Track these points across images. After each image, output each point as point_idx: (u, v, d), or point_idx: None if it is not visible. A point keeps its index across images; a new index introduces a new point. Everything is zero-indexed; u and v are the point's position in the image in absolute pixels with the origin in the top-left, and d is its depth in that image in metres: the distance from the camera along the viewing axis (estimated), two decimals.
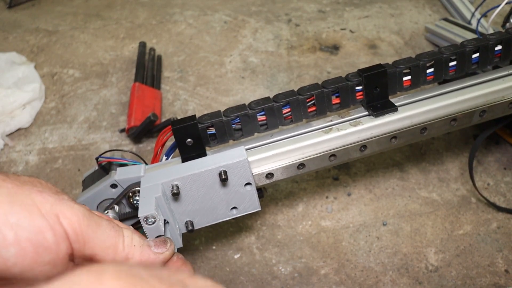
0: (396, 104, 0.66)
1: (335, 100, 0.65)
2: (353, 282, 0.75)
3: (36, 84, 1.15)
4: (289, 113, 0.64)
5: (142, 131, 0.98)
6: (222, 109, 0.64)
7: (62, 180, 0.95)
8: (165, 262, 0.48)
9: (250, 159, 0.61)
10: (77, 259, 0.41)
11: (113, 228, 0.44)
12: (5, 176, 0.40)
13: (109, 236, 0.43)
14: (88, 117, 1.10)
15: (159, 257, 0.47)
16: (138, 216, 0.52)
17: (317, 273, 0.76)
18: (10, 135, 1.08)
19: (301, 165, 0.63)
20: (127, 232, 0.45)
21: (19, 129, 1.09)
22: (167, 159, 0.65)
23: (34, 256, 0.37)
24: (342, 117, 0.66)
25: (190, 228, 0.60)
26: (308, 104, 0.64)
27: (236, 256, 0.79)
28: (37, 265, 0.38)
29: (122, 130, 1.05)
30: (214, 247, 0.81)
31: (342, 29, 1.34)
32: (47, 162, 1.00)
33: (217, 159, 0.59)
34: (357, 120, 0.65)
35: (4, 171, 0.99)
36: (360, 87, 0.65)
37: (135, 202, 0.60)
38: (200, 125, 0.61)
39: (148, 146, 1.01)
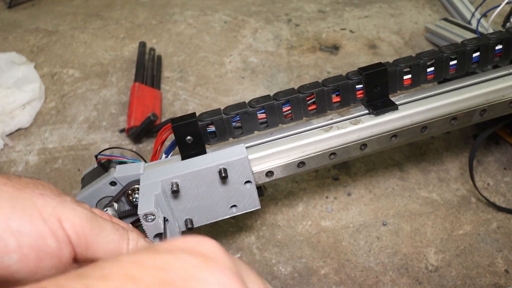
0: (396, 102, 0.66)
1: (335, 99, 0.65)
2: (353, 282, 0.74)
3: (36, 84, 1.15)
4: (289, 111, 0.64)
5: (142, 131, 0.98)
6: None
7: (62, 180, 0.95)
8: None
9: (250, 157, 0.61)
10: (81, 262, 0.41)
11: (118, 231, 0.43)
12: (6, 179, 0.40)
13: (113, 240, 0.42)
14: (88, 117, 1.10)
15: None
16: (138, 213, 0.51)
17: (317, 273, 0.76)
18: (10, 135, 1.08)
19: (301, 163, 0.63)
20: (133, 235, 0.45)
21: (19, 129, 1.09)
22: (166, 157, 0.65)
23: (37, 262, 0.37)
24: (342, 116, 0.66)
25: (189, 226, 0.60)
26: (308, 102, 0.64)
27: (236, 256, 0.79)
28: (40, 270, 0.37)
29: (122, 130, 1.05)
30: None
31: (342, 29, 1.34)
32: (47, 162, 1.00)
33: (217, 157, 0.58)
34: (357, 118, 0.65)
35: (4, 171, 0.99)
36: (361, 86, 0.65)
37: (134, 199, 0.60)
38: (200, 123, 0.61)
39: (148, 146, 1.01)
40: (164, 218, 0.56)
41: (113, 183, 0.59)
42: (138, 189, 0.58)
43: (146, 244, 0.46)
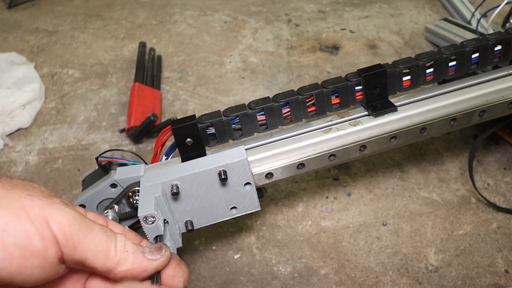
0: (395, 104, 0.66)
1: (334, 100, 0.65)
2: (353, 282, 0.75)
3: (36, 84, 1.16)
4: (289, 113, 0.64)
5: (142, 131, 0.98)
6: (222, 109, 0.64)
7: (62, 180, 0.95)
8: (159, 269, 0.47)
9: (249, 158, 0.61)
10: (68, 263, 0.42)
11: (106, 233, 0.44)
12: None
13: (100, 241, 0.43)
14: (88, 117, 1.10)
15: (152, 263, 0.46)
16: (138, 215, 0.52)
17: (317, 273, 0.76)
18: (10, 135, 1.08)
19: (300, 165, 0.63)
20: (121, 237, 0.45)
21: (19, 129, 1.09)
22: (166, 158, 0.65)
23: (22, 261, 0.38)
24: (341, 117, 0.66)
25: (189, 227, 0.60)
26: (308, 104, 0.64)
27: (236, 256, 0.79)
28: (25, 269, 0.38)
29: (122, 130, 1.05)
30: (214, 247, 0.81)
31: (342, 29, 1.34)
32: (47, 162, 1.00)
33: (216, 158, 0.58)
34: (356, 120, 0.65)
35: (4, 171, 0.99)
36: (360, 87, 0.65)
37: (134, 201, 0.60)
38: (199, 125, 0.61)
39: (148, 146, 1.01)
40: (164, 220, 0.56)
41: (113, 185, 0.60)
42: (138, 191, 0.58)
43: (134, 246, 0.46)
